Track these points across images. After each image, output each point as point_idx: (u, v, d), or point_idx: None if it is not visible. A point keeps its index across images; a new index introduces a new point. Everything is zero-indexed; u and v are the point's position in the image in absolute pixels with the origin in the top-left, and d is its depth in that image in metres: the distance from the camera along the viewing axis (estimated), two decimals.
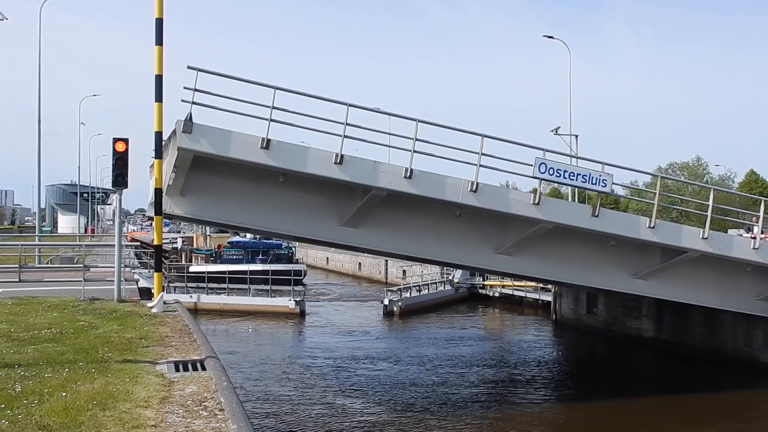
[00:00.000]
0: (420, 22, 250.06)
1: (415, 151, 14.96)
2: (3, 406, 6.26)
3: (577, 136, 38.50)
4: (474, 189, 15.09)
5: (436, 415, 16.74)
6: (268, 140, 13.84)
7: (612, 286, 18.92)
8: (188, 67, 13.23)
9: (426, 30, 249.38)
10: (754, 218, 28.58)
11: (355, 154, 14.80)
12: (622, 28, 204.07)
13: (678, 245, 17.04)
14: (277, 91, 13.91)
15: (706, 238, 16.85)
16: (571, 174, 15.92)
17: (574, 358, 25.92)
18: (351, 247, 19.12)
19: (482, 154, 15.37)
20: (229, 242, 50.81)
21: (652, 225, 16.48)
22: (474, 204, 15.34)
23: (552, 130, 38.32)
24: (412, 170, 14.77)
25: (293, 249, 51.98)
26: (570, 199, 41.39)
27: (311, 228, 16.41)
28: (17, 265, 20.08)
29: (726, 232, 31.28)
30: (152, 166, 15.94)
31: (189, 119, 13.22)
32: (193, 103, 13.22)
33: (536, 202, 15.57)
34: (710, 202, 17.30)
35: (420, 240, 16.89)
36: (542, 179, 15.77)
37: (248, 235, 47.02)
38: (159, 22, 13.51)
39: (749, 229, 27.58)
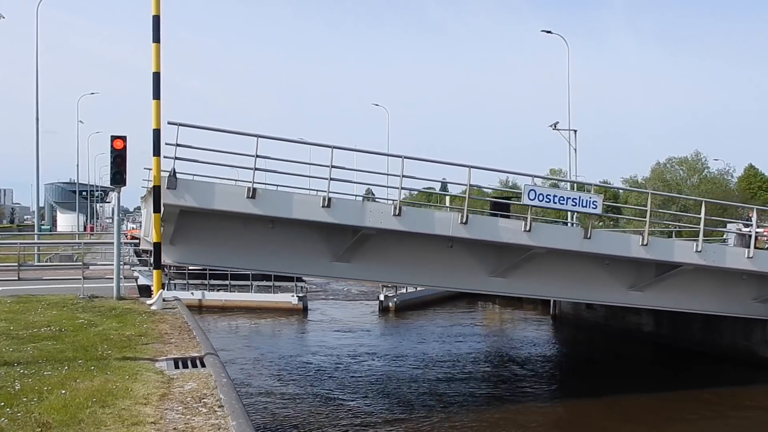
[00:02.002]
0: (417, 18, 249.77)
1: (402, 188, 15.15)
2: (2, 404, 6.27)
3: (575, 131, 38.50)
4: (464, 221, 15.16)
5: (434, 412, 16.78)
6: (254, 189, 13.96)
7: (609, 300, 19.02)
8: (169, 123, 13.30)
9: (423, 26, 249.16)
10: (750, 212, 28.67)
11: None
12: (620, 24, 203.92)
13: (672, 260, 17.20)
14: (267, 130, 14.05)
15: (700, 252, 16.99)
16: (561, 198, 16.12)
17: (574, 354, 25.98)
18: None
19: (470, 185, 15.58)
20: None
21: (645, 243, 16.56)
22: (464, 236, 15.45)
23: (551, 126, 38.34)
24: (401, 207, 14.86)
25: None
26: None
27: (304, 265, 16.55)
28: (16, 264, 20.09)
29: (725, 225, 31.37)
30: (144, 197, 15.99)
31: (173, 175, 13.29)
32: (176, 158, 13.33)
33: (527, 229, 15.61)
34: (702, 216, 17.47)
35: (414, 269, 16.98)
36: (532, 206, 15.84)
37: None
38: (156, 20, 13.50)
39: (747, 223, 27.70)
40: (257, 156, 13.85)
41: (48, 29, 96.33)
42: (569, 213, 28.12)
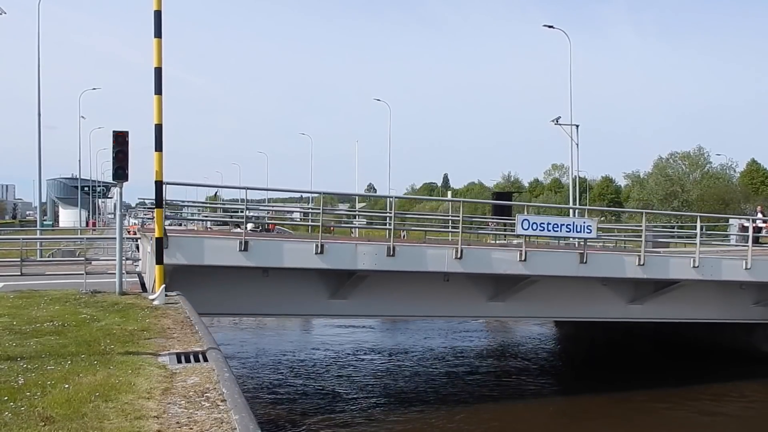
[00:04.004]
0: (418, 13, 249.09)
1: (395, 228, 15.37)
2: (6, 398, 6.28)
3: (577, 126, 38.43)
4: (459, 256, 15.28)
5: (436, 407, 16.82)
6: (246, 242, 14.10)
7: (610, 316, 19.12)
8: (160, 183, 13.42)
9: (424, 21, 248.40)
10: (758, 207, 28.62)
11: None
12: (622, 19, 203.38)
13: (669, 278, 17.35)
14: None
15: (697, 267, 17.13)
16: (555, 225, 16.28)
17: (576, 349, 25.96)
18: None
19: (464, 216, 15.89)
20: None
21: (641, 263, 16.68)
22: (459, 271, 15.60)
23: (553, 120, 38.29)
24: (394, 248, 14.94)
25: None
26: (570, 190, 41.43)
27: (301, 306, 16.63)
28: (19, 259, 20.07)
29: (727, 221, 31.36)
30: (140, 238, 15.91)
31: (164, 234, 13.35)
32: (167, 216, 13.32)
33: (523, 258, 15.72)
34: (698, 230, 17.64)
35: (412, 302, 17.08)
36: (527, 235, 15.95)
37: (250, 226, 47.00)
38: (158, 15, 13.44)
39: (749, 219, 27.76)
40: (247, 206, 14.05)
41: (49, 25, 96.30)
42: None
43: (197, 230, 27.24)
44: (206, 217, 32.49)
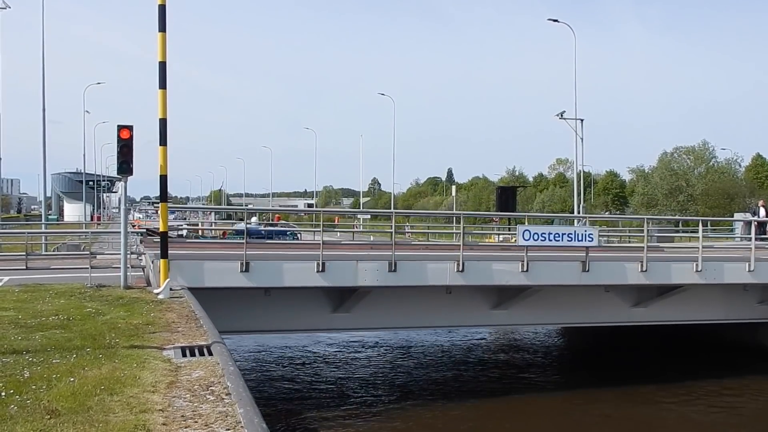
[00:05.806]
0: (422, 6, 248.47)
1: (396, 243, 15.37)
2: (12, 391, 6.31)
3: (582, 120, 38.39)
4: (461, 269, 15.34)
5: (440, 401, 16.84)
6: (247, 263, 14.17)
7: (614, 321, 19.12)
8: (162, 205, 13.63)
9: (428, 14, 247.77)
10: (760, 201, 28.55)
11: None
12: (627, 12, 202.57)
13: (671, 283, 17.42)
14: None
15: (700, 271, 17.18)
16: (557, 235, 16.32)
17: (580, 344, 25.95)
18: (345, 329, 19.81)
19: (464, 233, 16.03)
20: (234, 230, 50.71)
21: (644, 269, 16.73)
22: (461, 283, 15.66)
23: (557, 115, 38.27)
24: (396, 263, 15.01)
25: (299, 235, 51.90)
26: (575, 185, 41.34)
27: (304, 321, 16.64)
28: (24, 253, 20.11)
29: (732, 215, 31.32)
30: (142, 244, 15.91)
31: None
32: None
33: (525, 269, 15.79)
34: (699, 234, 17.72)
35: (415, 314, 17.10)
36: (528, 246, 16.00)
37: (254, 220, 47.10)
38: (162, 9, 13.42)
39: (754, 213, 27.72)
40: (248, 229, 14.12)
41: (53, 19, 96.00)
42: (575, 207, 28.31)
43: (200, 231, 27.13)
44: (209, 214, 32.54)
